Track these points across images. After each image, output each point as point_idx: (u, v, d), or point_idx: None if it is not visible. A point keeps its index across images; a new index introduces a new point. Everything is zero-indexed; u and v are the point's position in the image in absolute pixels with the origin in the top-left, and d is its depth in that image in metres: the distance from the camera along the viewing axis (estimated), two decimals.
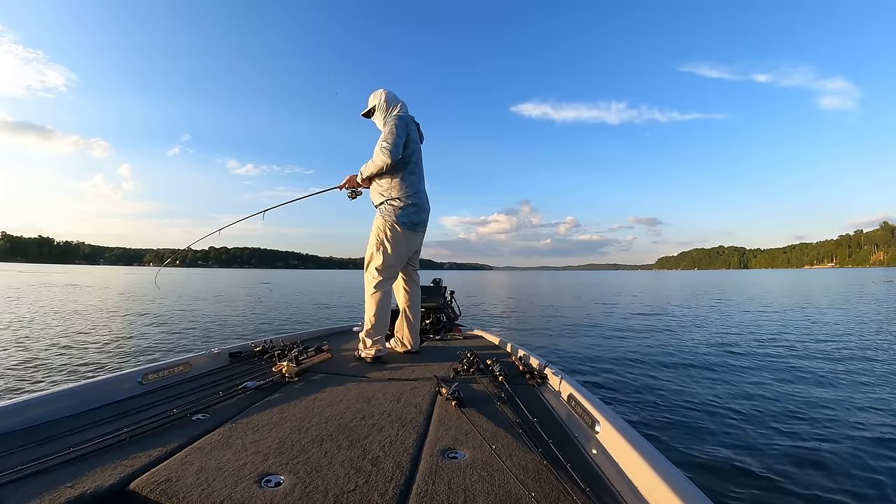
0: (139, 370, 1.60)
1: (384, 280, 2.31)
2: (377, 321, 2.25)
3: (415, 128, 2.43)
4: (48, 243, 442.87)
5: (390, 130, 2.28)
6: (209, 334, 7.23)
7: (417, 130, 2.47)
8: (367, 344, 2.22)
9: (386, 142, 2.25)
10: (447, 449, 1.09)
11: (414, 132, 2.41)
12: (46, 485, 0.86)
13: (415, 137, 2.41)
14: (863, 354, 5.32)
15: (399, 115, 2.35)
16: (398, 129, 2.28)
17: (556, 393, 1.58)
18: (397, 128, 2.29)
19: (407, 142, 2.33)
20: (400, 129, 2.29)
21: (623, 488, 0.91)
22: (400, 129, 2.29)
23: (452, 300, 3.38)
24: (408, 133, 2.34)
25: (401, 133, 2.29)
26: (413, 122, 2.43)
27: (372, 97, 2.50)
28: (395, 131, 2.27)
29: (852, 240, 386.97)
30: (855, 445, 2.58)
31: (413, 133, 2.39)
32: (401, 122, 2.32)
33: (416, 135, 2.43)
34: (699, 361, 4.98)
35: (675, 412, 3.18)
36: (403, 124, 2.32)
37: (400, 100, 2.49)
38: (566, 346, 6.26)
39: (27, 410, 1.20)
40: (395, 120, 2.32)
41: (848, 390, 3.74)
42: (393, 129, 2.28)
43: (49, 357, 4.98)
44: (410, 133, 2.37)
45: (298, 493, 0.86)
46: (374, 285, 2.29)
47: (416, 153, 2.43)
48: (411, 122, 2.40)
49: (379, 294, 2.28)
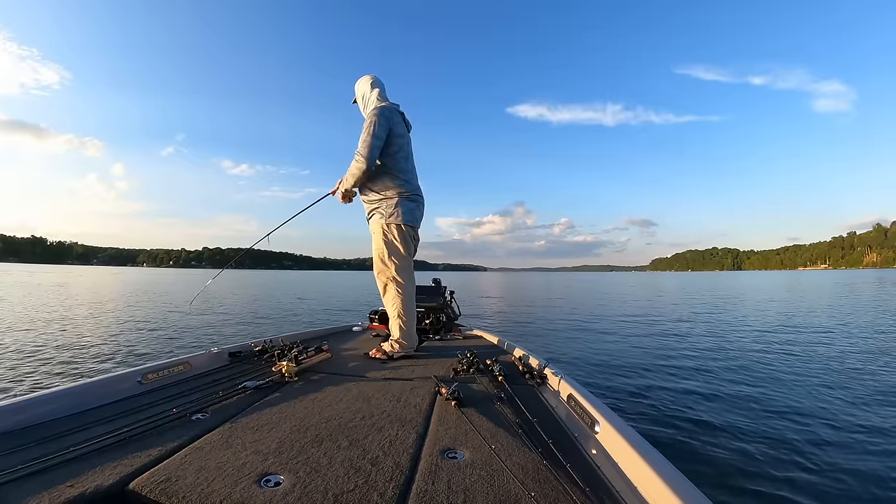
0: (139, 370, 1.60)
1: (406, 283, 2.30)
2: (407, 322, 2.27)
3: (399, 118, 2.30)
4: (41, 243, 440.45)
5: (366, 130, 2.16)
6: (209, 334, 7.22)
7: (403, 120, 2.34)
8: (396, 349, 2.22)
9: (362, 147, 2.15)
10: (447, 449, 1.09)
11: (398, 123, 2.27)
12: (46, 484, 0.86)
13: (400, 131, 2.27)
14: (858, 354, 5.35)
15: (380, 109, 2.21)
16: (376, 127, 2.15)
17: (556, 393, 1.58)
18: (375, 126, 2.15)
19: (391, 136, 2.22)
20: (378, 126, 2.16)
21: (622, 488, 0.92)
22: (378, 128, 2.15)
23: (452, 300, 3.39)
24: (390, 127, 2.22)
25: (378, 132, 2.16)
26: (397, 111, 2.30)
27: (356, 86, 2.44)
28: (371, 130, 2.14)
29: (845, 241, 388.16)
30: (855, 444, 2.60)
31: (397, 126, 2.26)
32: (380, 119, 2.17)
33: (401, 126, 2.30)
34: (698, 361, 5.00)
35: (675, 412, 3.19)
36: (383, 120, 2.18)
37: (378, 86, 2.37)
38: (565, 346, 6.28)
39: (26, 410, 1.20)
40: (373, 116, 2.18)
41: (848, 390, 3.76)
42: (369, 129, 2.15)
43: (48, 357, 4.96)
44: (394, 127, 2.23)
45: (298, 492, 0.86)
46: (398, 289, 2.28)
47: (405, 146, 2.32)
48: (395, 113, 2.27)
49: (403, 296, 2.28)
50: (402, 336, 2.26)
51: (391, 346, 2.25)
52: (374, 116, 2.18)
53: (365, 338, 2.86)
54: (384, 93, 2.39)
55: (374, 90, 2.36)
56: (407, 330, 2.27)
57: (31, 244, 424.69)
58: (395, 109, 2.30)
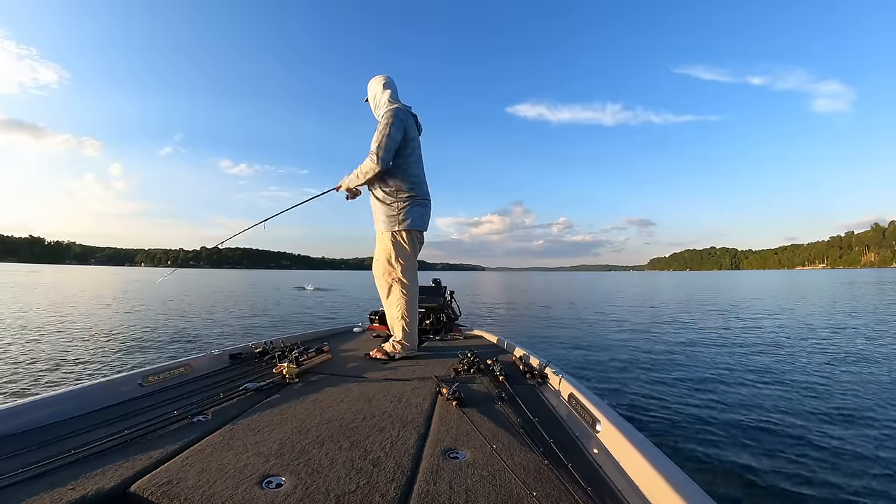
0: (140, 372, 1.59)
1: (410, 285, 2.31)
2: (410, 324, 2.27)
3: (412, 121, 2.30)
4: (39, 243, 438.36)
5: (381, 131, 2.15)
6: (209, 336, 7.21)
7: (416, 122, 2.34)
8: (398, 350, 2.23)
9: (377, 147, 2.14)
10: (448, 449, 1.09)
11: (412, 127, 2.28)
12: (47, 487, 0.86)
13: (413, 133, 2.28)
14: (858, 353, 5.36)
15: (395, 110, 2.20)
16: (392, 128, 2.14)
17: (557, 392, 1.58)
18: (391, 127, 2.13)
19: (405, 139, 2.22)
20: (394, 128, 2.14)
21: (624, 487, 0.92)
22: (394, 130, 2.14)
23: (452, 300, 3.39)
24: (405, 129, 2.21)
25: (394, 134, 2.14)
26: (410, 114, 2.30)
27: (369, 85, 2.43)
28: (387, 131, 2.13)
29: (843, 241, 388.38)
30: (855, 443, 2.60)
31: (411, 128, 2.27)
32: (396, 120, 2.16)
33: (414, 130, 2.30)
34: (699, 360, 5.01)
35: (676, 411, 3.20)
36: (399, 122, 2.17)
37: (390, 87, 2.36)
38: (566, 345, 6.28)
39: (28, 413, 1.19)
40: (388, 117, 2.17)
41: (848, 389, 3.76)
42: (385, 129, 2.14)
43: (48, 359, 4.95)
44: (408, 129, 2.23)
45: (300, 494, 0.86)
46: (402, 291, 2.29)
47: (417, 149, 2.32)
48: (409, 115, 2.28)
49: (407, 298, 2.29)
50: (404, 337, 2.26)
51: (392, 346, 2.25)
52: (391, 117, 2.17)
53: (365, 338, 2.85)
54: (396, 94, 2.39)
55: (386, 90, 2.36)
56: (409, 331, 2.28)
57: (29, 244, 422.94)
58: (409, 111, 2.31)
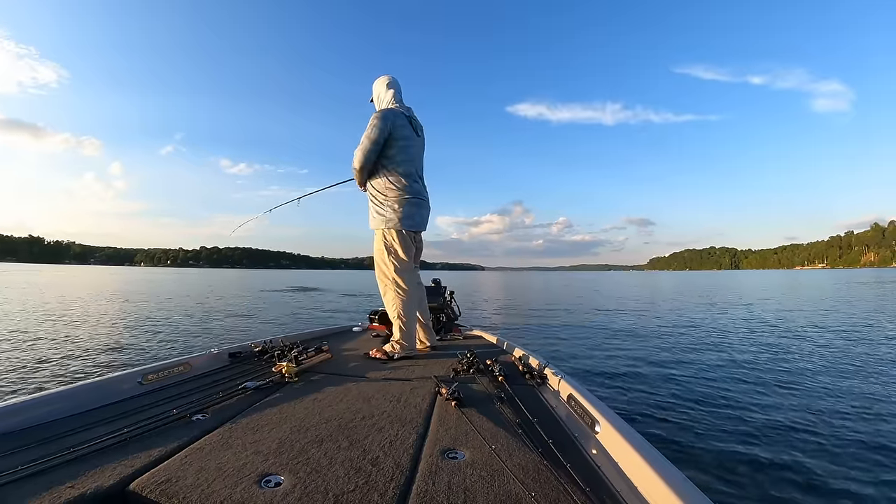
0: (139, 370, 1.59)
1: (406, 285, 2.32)
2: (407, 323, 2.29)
3: (405, 121, 2.31)
4: (38, 243, 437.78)
5: (366, 133, 2.23)
6: (209, 334, 7.21)
7: (410, 123, 2.35)
8: (397, 349, 2.23)
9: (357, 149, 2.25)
10: (447, 449, 1.09)
11: (402, 127, 2.29)
12: (46, 485, 0.86)
13: (403, 133, 2.29)
14: (858, 353, 5.36)
15: (382, 112, 2.26)
16: (372, 130, 2.21)
17: (556, 393, 1.58)
18: (373, 129, 2.21)
19: (391, 139, 2.26)
20: (375, 130, 2.21)
21: (623, 488, 0.92)
22: (374, 132, 2.21)
23: (452, 300, 3.39)
24: (391, 129, 2.25)
25: (373, 136, 2.21)
26: (403, 115, 2.32)
27: (373, 85, 2.49)
28: (369, 133, 2.22)
29: (843, 241, 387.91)
30: (855, 442, 2.60)
31: (400, 128, 2.28)
32: (379, 122, 2.22)
33: (405, 129, 2.30)
34: (699, 361, 5.01)
35: (675, 412, 3.20)
36: (382, 123, 2.22)
37: (393, 87, 2.40)
38: (565, 345, 6.28)
39: (27, 411, 1.19)
40: (373, 119, 2.24)
41: (847, 389, 3.76)
42: (366, 132, 2.23)
43: (47, 358, 4.96)
44: (395, 130, 2.26)
45: (298, 493, 0.86)
46: (397, 291, 2.31)
47: (408, 148, 2.32)
48: (399, 116, 2.29)
49: (402, 298, 2.30)
50: (403, 337, 2.27)
51: (392, 346, 2.26)
52: (375, 120, 2.25)
53: (365, 338, 2.86)
54: (399, 95, 2.43)
55: (388, 91, 2.41)
56: (407, 331, 2.29)
57: (29, 244, 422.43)
58: (401, 113, 2.32)
